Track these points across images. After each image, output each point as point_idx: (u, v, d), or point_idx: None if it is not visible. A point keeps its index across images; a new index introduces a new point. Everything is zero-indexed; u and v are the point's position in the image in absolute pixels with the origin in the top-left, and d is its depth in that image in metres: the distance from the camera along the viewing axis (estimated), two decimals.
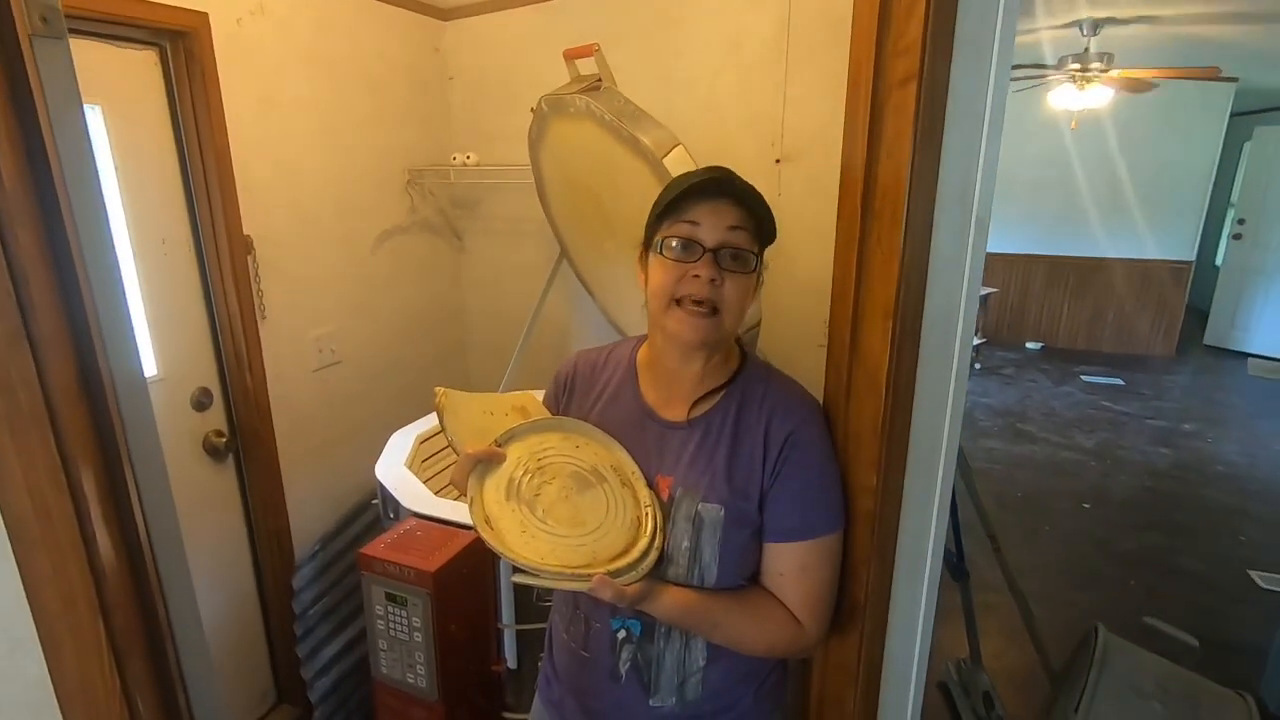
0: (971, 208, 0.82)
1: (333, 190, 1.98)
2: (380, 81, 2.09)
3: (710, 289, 0.82)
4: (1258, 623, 2.49)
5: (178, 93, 1.58)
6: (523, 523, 0.81)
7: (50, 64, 0.56)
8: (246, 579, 1.91)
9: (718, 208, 0.82)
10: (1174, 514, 3.37)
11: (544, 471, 0.87)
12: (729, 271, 0.82)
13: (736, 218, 0.83)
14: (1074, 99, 3.87)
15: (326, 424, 2.04)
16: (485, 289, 2.55)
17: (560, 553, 0.79)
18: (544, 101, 1.68)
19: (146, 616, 0.61)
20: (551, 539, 0.80)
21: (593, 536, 0.82)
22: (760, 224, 0.85)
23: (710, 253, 0.82)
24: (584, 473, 0.87)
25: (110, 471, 0.59)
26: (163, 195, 1.62)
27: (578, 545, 0.81)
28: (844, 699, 0.97)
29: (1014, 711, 2.06)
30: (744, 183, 0.84)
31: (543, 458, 0.88)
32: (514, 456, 0.87)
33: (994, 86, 0.78)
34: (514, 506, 0.82)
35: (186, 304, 1.70)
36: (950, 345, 0.86)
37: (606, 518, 0.83)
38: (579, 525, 0.83)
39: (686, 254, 0.83)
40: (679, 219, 0.83)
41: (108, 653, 0.55)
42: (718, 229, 0.82)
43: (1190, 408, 4.82)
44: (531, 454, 0.88)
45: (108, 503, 0.56)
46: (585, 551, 0.80)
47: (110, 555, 0.56)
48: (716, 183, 0.82)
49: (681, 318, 0.83)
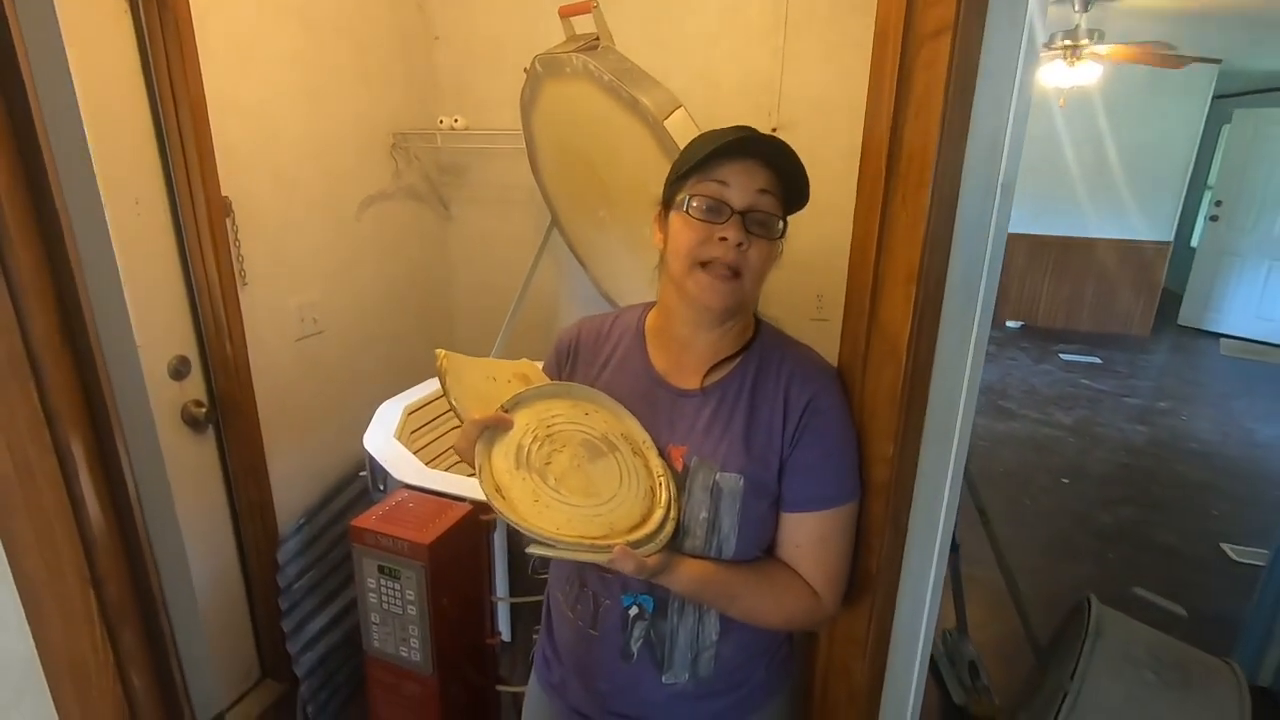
0: (999, 171, 0.79)
1: (315, 152, 1.90)
2: (363, 40, 2.00)
3: (736, 253, 0.78)
4: (1230, 594, 2.56)
5: (149, 44, 1.49)
6: (535, 492, 0.78)
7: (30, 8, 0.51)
8: (229, 553, 1.86)
9: (749, 168, 0.79)
10: (1149, 489, 3.44)
11: (553, 439, 0.83)
12: (755, 236, 0.79)
13: (766, 180, 0.79)
14: (1064, 75, 3.86)
15: (310, 394, 1.98)
16: (474, 258, 2.49)
17: (576, 523, 0.76)
18: (538, 61, 1.62)
19: (139, 586, 0.57)
20: (567, 509, 0.77)
21: (608, 506, 0.79)
22: (790, 190, 0.81)
23: (738, 215, 0.78)
24: (595, 441, 0.84)
25: (99, 431, 0.55)
26: (135, 153, 1.53)
27: (594, 515, 0.78)
28: (852, 669, 0.97)
29: (997, 680, 2.10)
30: (779, 144, 0.80)
31: (552, 425, 0.85)
32: (522, 423, 0.84)
33: (1026, 42, 0.75)
34: (525, 475, 0.79)
35: (162, 268, 1.62)
36: (971, 313, 0.84)
37: (620, 487, 0.81)
38: (593, 495, 0.80)
39: (713, 215, 0.79)
40: (707, 177, 0.79)
41: (99, 625, 0.52)
42: (747, 191, 0.78)
43: (1165, 386, 4.92)
44: (540, 421, 0.85)
45: (96, 465, 0.51)
46: (602, 522, 0.77)
47: (100, 521, 0.52)
48: (748, 142, 0.78)
49: (705, 282, 0.80)
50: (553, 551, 0.74)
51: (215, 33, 1.57)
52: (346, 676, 1.96)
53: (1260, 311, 5.94)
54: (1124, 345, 5.88)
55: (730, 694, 0.90)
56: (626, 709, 0.91)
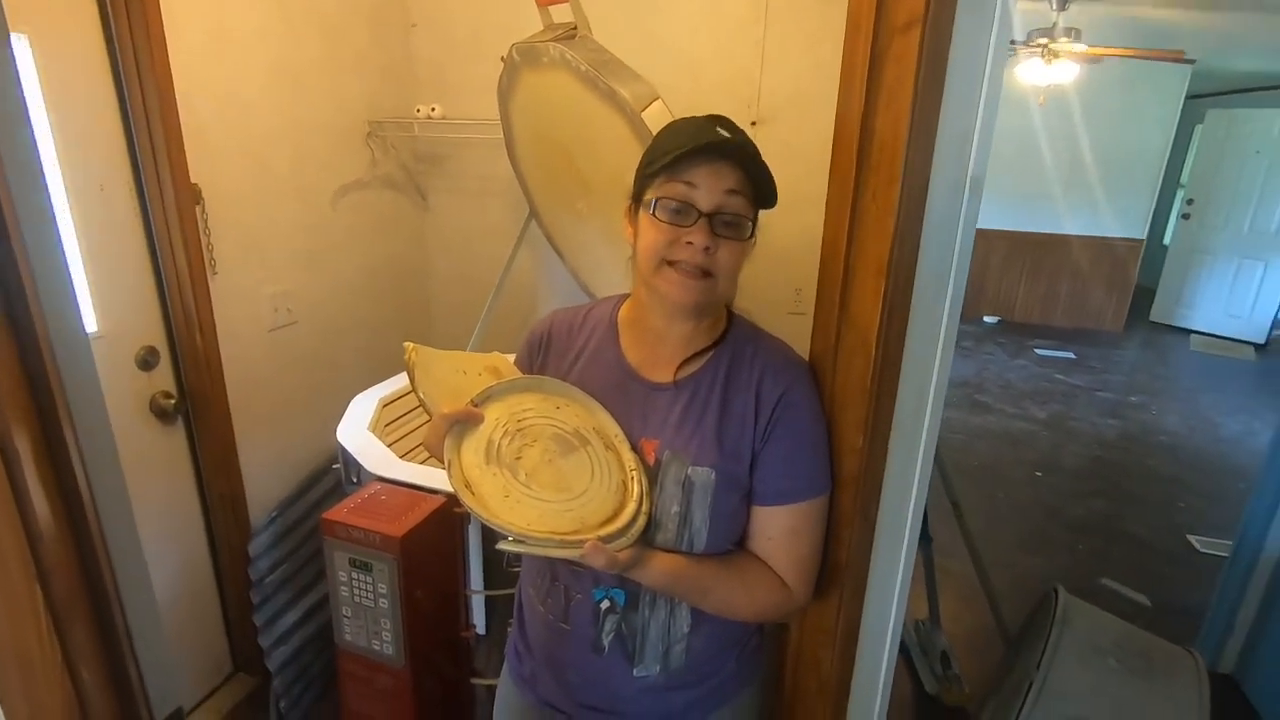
0: (968, 165, 0.79)
1: (288, 140, 1.87)
2: (338, 24, 1.97)
3: (703, 256, 0.78)
4: (1196, 584, 2.62)
5: (114, 21, 1.45)
6: (505, 487, 0.77)
7: None
8: (199, 546, 1.83)
9: (717, 169, 0.77)
10: (1120, 482, 3.51)
11: (524, 434, 0.82)
12: (723, 238, 0.78)
13: (735, 181, 0.78)
14: (1041, 74, 3.90)
15: (283, 386, 1.95)
16: (451, 249, 2.47)
17: (548, 519, 0.76)
18: (515, 50, 1.60)
19: (90, 581, 0.56)
20: (537, 504, 0.77)
21: (579, 501, 0.78)
22: (759, 187, 0.80)
23: (705, 217, 0.78)
24: (566, 435, 0.84)
25: (46, 425, 0.53)
26: (100, 136, 1.49)
27: (564, 510, 0.77)
28: (821, 660, 0.97)
29: (969, 670, 2.13)
30: (747, 143, 0.79)
31: (522, 419, 0.84)
32: (492, 418, 0.83)
33: (996, 37, 0.75)
34: (495, 470, 0.78)
35: (129, 256, 1.59)
36: (940, 307, 0.84)
37: (592, 482, 0.80)
38: (564, 490, 0.79)
39: (680, 218, 0.78)
40: (674, 178, 0.78)
41: (46, 619, 0.50)
42: (715, 192, 0.77)
43: (1136, 381, 5.01)
44: (511, 415, 0.84)
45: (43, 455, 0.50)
46: (573, 517, 0.77)
47: (47, 515, 0.50)
48: (718, 143, 0.77)
49: (673, 279, 0.79)
50: (523, 547, 0.73)
51: (183, 13, 1.53)
52: (320, 670, 1.94)
53: (1229, 308, 6.07)
54: (1098, 341, 5.98)
55: (701, 685, 0.90)
56: (597, 701, 0.91)
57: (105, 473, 0.62)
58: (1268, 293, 5.84)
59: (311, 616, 1.90)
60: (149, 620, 0.66)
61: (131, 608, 0.63)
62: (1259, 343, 5.82)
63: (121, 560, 0.62)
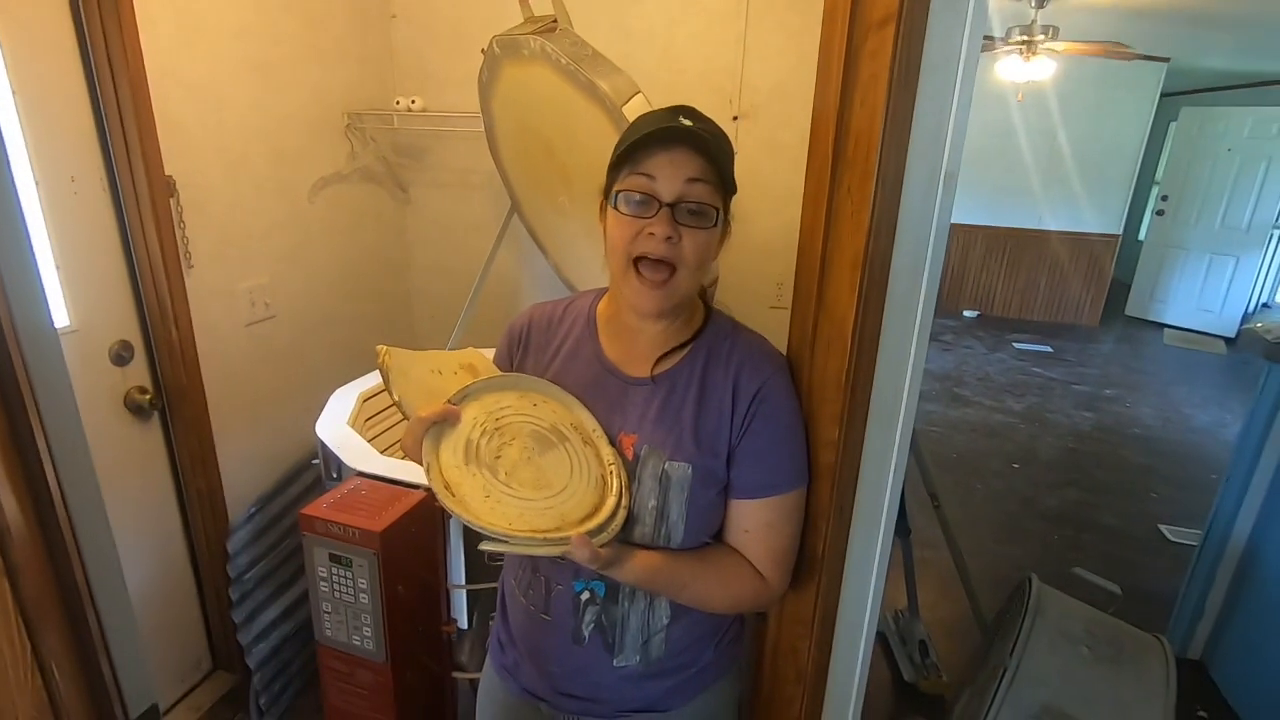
0: (942, 161, 0.80)
1: (264, 131, 1.84)
2: (315, 14, 1.94)
3: (667, 247, 0.78)
4: (1166, 573, 2.68)
5: (85, 10, 1.42)
6: (486, 487, 0.77)
7: None
8: (177, 543, 1.81)
9: (675, 158, 0.77)
10: (1094, 473, 3.58)
11: (503, 432, 0.82)
12: (687, 227, 0.78)
13: (696, 169, 0.77)
14: (1019, 70, 3.95)
15: (261, 381, 1.93)
16: (432, 243, 2.45)
17: (529, 517, 0.76)
18: (495, 42, 1.59)
19: (61, 578, 0.55)
20: (519, 503, 0.77)
21: (559, 498, 0.78)
22: (724, 174, 0.80)
23: (667, 207, 0.77)
24: (544, 432, 0.84)
25: (13, 421, 0.52)
26: (70, 127, 1.46)
27: (545, 508, 0.77)
28: (798, 649, 0.99)
29: (947, 658, 2.16)
30: (707, 127, 0.79)
31: (500, 418, 0.84)
32: (469, 417, 0.82)
33: (970, 33, 0.76)
34: (474, 470, 0.78)
35: (101, 250, 1.56)
36: (915, 300, 0.85)
37: (571, 478, 0.80)
38: (544, 487, 0.79)
39: (642, 209, 0.78)
40: (634, 170, 0.78)
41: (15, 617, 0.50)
42: (675, 181, 0.77)
43: (1111, 374, 5.10)
44: (488, 414, 0.84)
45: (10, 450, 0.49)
46: (553, 514, 0.77)
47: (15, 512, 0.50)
48: (674, 130, 0.77)
49: (638, 288, 0.80)
50: (506, 547, 0.73)
51: (156, 2, 1.51)
52: (300, 667, 1.93)
53: (1201, 303, 6.19)
54: (1074, 335, 6.07)
55: (679, 674, 0.91)
56: (577, 690, 0.92)
57: (76, 469, 0.61)
58: (1238, 288, 5.96)
59: (291, 613, 1.89)
60: (123, 617, 0.65)
61: (105, 605, 0.63)
62: (1229, 337, 5.94)
63: (94, 557, 0.62)
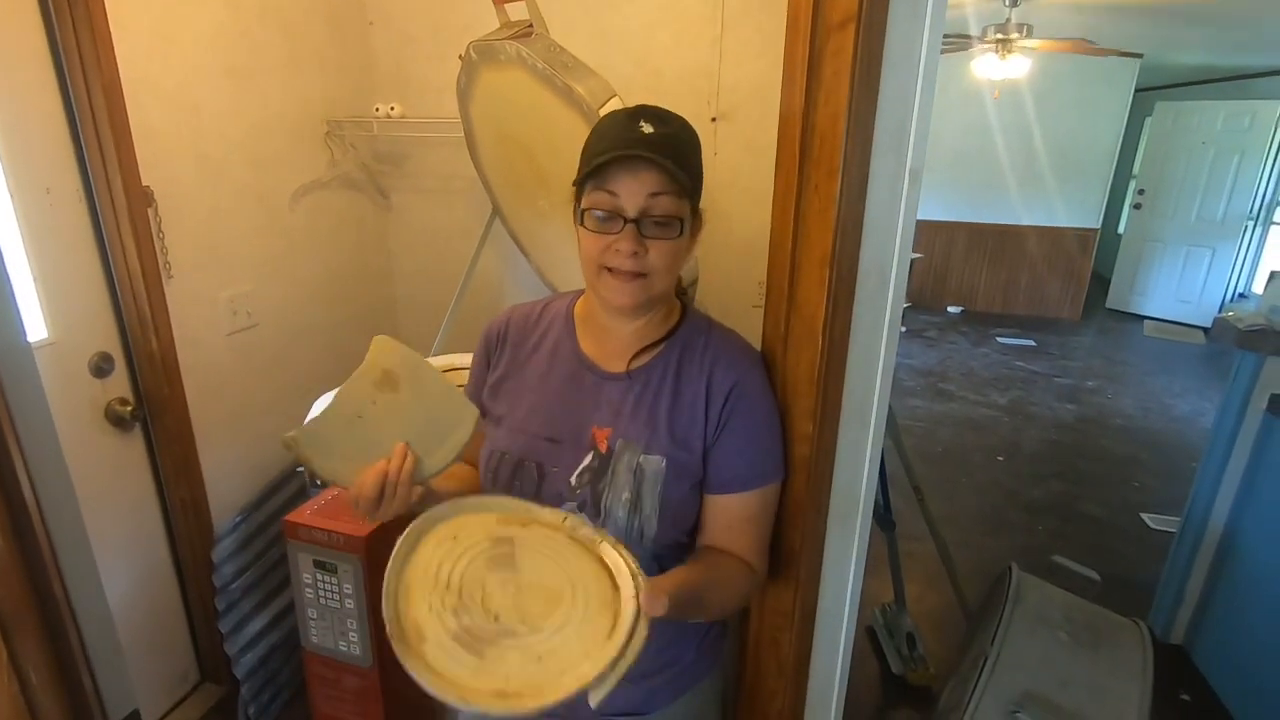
0: (906, 158, 0.82)
1: (242, 139, 1.84)
2: (291, 21, 1.94)
3: (634, 261, 0.79)
4: (1148, 559, 2.72)
5: (57, 19, 1.41)
6: (520, 649, 0.62)
7: None
8: (161, 553, 1.80)
9: (637, 174, 0.78)
10: (1077, 464, 3.62)
11: (468, 582, 0.66)
12: (653, 239, 0.80)
13: (657, 183, 0.78)
14: (995, 68, 4.00)
15: (245, 390, 1.93)
16: (415, 249, 2.45)
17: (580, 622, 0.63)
18: (472, 48, 1.60)
19: (38, 588, 0.56)
20: (558, 615, 0.63)
21: (573, 594, 0.66)
22: (689, 175, 0.81)
23: (631, 223, 0.79)
24: (498, 544, 0.70)
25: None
26: (45, 138, 1.46)
27: (572, 597, 0.65)
28: (780, 641, 1.00)
29: (934, 650, 2.19)
30: (668, 130, 0.80)
31: (448, 558, 0.68)
32: (420, 596, 0.65)
33: (929, 33, 0.78)
34: (494, 653, 0.61)
35: (79, 261, 1.55)
36: (884, 296, 0.87)
37: (565, 567, 0.68)
38: (551, 592, 0.66)
39: (608, 225, 0.80)
40: (599, 186, 0.79)
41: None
42: (637, 196, 0.78)
43: (1093, 366, 5.17)
44: (430, 572, 0.67)
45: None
46: (591, 577, 0.66)
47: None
48: (633, 145, 0.77)
49: (613, 285, 0.81)
50: (610, 686, 0.61)
51: (129, 8, 1.50)
52: (289, 676, 1.92)
53: (1179, 294, 6.29)
54: (1056, 328, 6.15)
55: (662, 675, 0.92)
56: None
57: (52, 481, 0.61)
58: (1215, 278, 6.06)
59: (279, 622, 1.89)
60: (102, 625, 0.65)
61: (84, 614, 0.63)
62: (1206, 327, 6.03)
63: (72, 566, 0.62)
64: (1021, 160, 6.19)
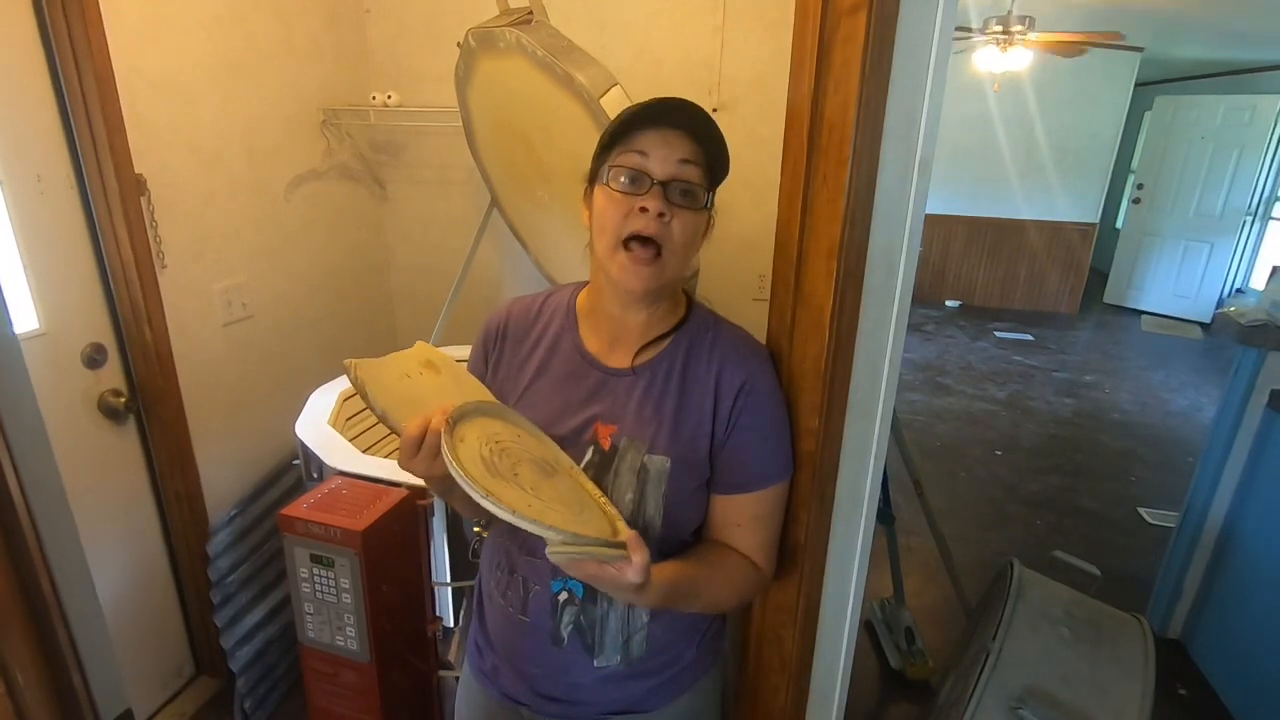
0: (916, 147, 0.81)
1: (237, 128, 1.81)
2: (287, 9, 1.91)
3: (658, 224, 0.77)
4: (1145, 554, 2.72)
5: (47, 5, 1.39)
6: (524, 498, 0.68)
7: None
8: (155, 547, 1.79)
9: (668, 138, 0.77)
10: (1075, 458, 3.62)
11: (508, 454, 0.74)
12: (678, 207, 0.78)
13: (688, 151, 0.77)
14: (996, 61, 3.98)
15: (239, 382, 1.91)
16: (412, 239, 2.43)
17: (573, 528, 0.67)
18: (471, 36, 1.57)
19: (26, 585, 0.54)
20: (558, 516, 0.68)
21: (581, 519, 0.70)
22: (713, 160, 0.80)
23: (659, 185, 0.77)
24: (538, 461, 0.77)
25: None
26: (36, 125, 1.43)
27: (582, 525, 0.69)
28: (783, 638, 0.99)
29: (933, 644, 2.19)
30: (699, 113, 0.78)
31: (498, 441, 0.75)
32: (474, 436, 0.73)
33: (942, 18, 0.76)
34: (504, 483, 0.69)
35: (71, 250, 1.53)
36: (892, 288, 0.86)
37: (582, 505, 0.74)
38: (569, 505, 0.71)
39: (634, 186, 0.77)
40: (627, 148, 0.78)
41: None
42: (668, 161, 0.77)
43: (1090, 361, 5.17)
44: (488, 435, 0.75)
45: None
46: (592, 530, 0.70)
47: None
48: (668, 111, 0.77)
49: (625, 264, 0.78)
50: (572, 551, 0.65)
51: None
52: (286, 670, 1.91)
53: (1176, 289, 6.29)
54: (1054, 323, 6.15)
55: (662, 673, 0.91)
56: (556, 691, 0.91)
57: (40, 474, 0.60)
58: (1213, 273, 6.06)
59: (275, 615, 1.87)
60: (92, 623, 0.64)
61: (74, 612, 0.62)
62: (1205, 322, 6.04)
63: (61, 563, 0.60)
64: (1021, 154, 6.18)
